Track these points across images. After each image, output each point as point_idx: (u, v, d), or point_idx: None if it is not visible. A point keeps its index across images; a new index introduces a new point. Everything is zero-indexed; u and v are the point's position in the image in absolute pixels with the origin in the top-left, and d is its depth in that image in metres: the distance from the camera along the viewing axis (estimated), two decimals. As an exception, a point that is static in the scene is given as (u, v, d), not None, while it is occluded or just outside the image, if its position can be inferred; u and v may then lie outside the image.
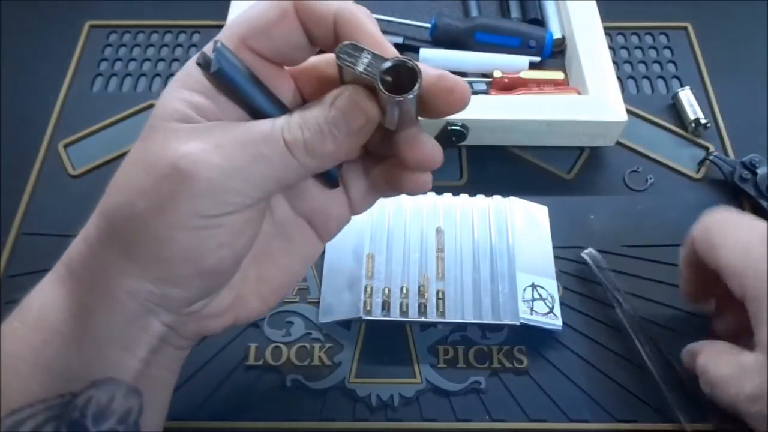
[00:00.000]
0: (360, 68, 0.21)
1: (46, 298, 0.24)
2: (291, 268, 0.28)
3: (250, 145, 0.22)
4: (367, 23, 0.23)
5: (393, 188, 0.27)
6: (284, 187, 0.24)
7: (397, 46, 0.49)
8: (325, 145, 0.23)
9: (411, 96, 0.21)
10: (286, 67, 0.25)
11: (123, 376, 0.23)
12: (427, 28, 0.50)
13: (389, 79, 0.22)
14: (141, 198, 0.22)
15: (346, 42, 0.22)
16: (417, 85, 0.21)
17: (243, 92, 0.23)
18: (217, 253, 0.23)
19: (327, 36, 0.23)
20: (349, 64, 0.22)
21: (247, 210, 0.23)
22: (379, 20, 0.51)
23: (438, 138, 0.26)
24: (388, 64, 0.21)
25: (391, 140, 0.25)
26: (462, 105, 0.23)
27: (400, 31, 0.50)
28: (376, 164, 0.27)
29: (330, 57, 0.24)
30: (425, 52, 0.48)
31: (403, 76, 0.22)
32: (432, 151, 0.25)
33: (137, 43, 0.52)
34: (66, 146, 0.46)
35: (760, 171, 0.42)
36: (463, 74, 0.48)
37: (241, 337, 0.38)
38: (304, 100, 0.26)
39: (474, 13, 0.51)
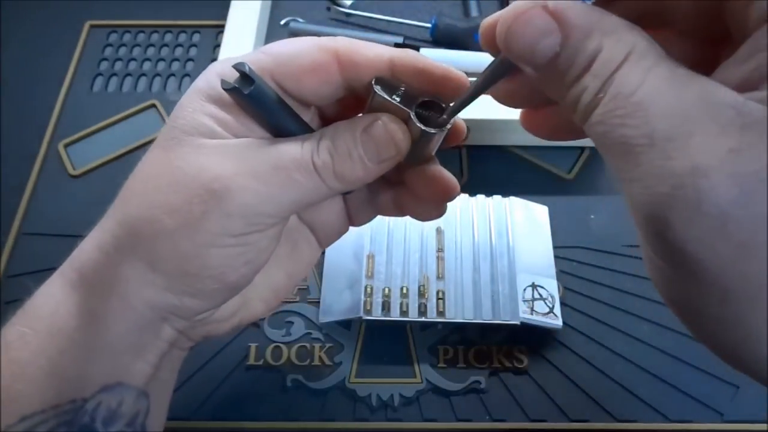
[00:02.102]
0: (397, 100, 0.22)
1: (57, 304, 0.23)
2: (294, 272, 0.29)
3: (282, 170, 0.22)
4: (427, 64, 0.23)
5: (403, 213, 0.28)
6: (309, 207, 0.25)
7: (397, 46, 0.49)
8: (355, 171, 0.23)
9: (443, 131, 0.22)
10: None
11: (133, 380, 0.24)
12: (427, 28, 0.50)
13: (419, 112, 0.23)
14: (169, 215, 0.22)
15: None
16: (450, 122, 0.22)
17: (270, 116, 0.23)
18: (242, 270, 0.24)
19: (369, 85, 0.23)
20: (386, 95, 0.22)
21: (273, 228, 0.24)
22: (379, 20, 0.51)
23: None
24: (422, 100, 0.23)
25: (404, 170, 0.26)
26: (458, 141, 0.25)
27: (400, 31, 0.50)
28: (382, 188, 0.28)
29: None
30: (425, 52, 0.48)
31: (431, 113, 0.23)
32: (449, 185, 0.25)
33: (137, 43, 0.52)
34: (66, 146, 0.46)
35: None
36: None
37: (242, 337, 0.38)
38: (321, 116, 0.26)
39: (474, 13, 0.51)
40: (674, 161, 0.15)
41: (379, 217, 0.39)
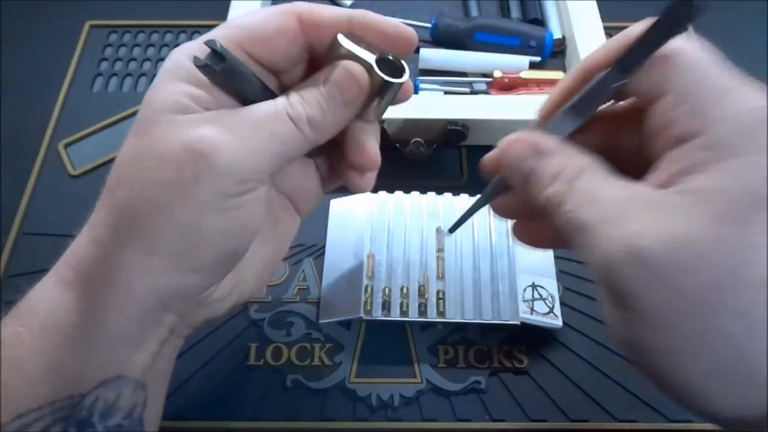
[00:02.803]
0: (358, 52, 0.24)
1: (53, 302, 0.23)
2: (279, 245, 0.30)
3: (261, 125, 0.23)
4: (382, 21, 0.25)
5: (341, 181, 0.30)
6: (289, 161, 0.25)
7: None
8: (326, 117, 0.24)
9: (401, 81, 0.24)
10: None
11: (132, 372, 0.24)
12: (427, 28, 0.50)
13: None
14: (161, 188, 0.22)
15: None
16: (406, 74, 0.25)
17: (241, 88, 0.24)
18: (239, 236, 0.24)
19: (327, 49, 0.25)
20: (349, 47, 0.24)
21: (261, 187, 0.24)
22: (379, 20, 0.51)
23: (438, 138, 0.27)
24: (382, 55, 0.24)
25: (341, 137, 0.27)
26: (406, 99, 0.27)
27: (400, 31, 0.50)
28: (329, 154, 0.30)
29: None
30: (425, 52, 0.48)
31: (388, 71, 0.25)
32: (371, 153, 0.27)
33: (137, 43, 0.52)
34: (66, 146, 0.46)
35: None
36: (463, 74, 0.48)
37: (242, 337, 0.38)
38: (282, 87, 0.27)
39: (474, 13, 0.51)
40: (622, 231, 0.20)
41: (378, 216, 0.40)
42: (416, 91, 0.46)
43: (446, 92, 0.46)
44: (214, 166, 0.22)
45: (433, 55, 0.48)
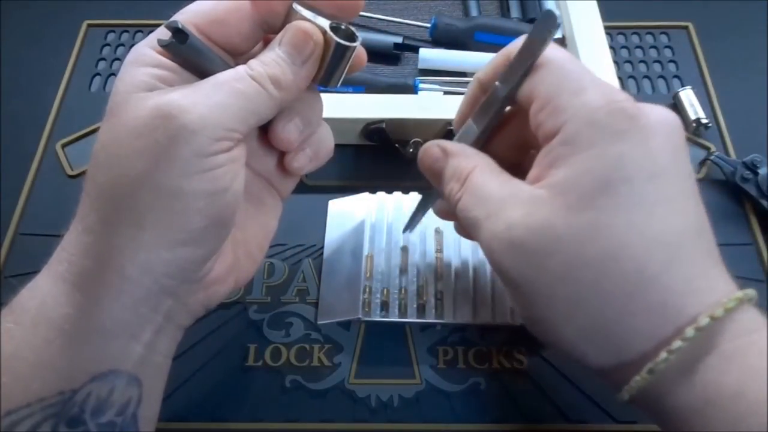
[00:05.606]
0: (312, 18, 0.25)
1: (45, 297, 0.23)
2: (267, 224, 0.31)
3: (224, 84, 0.24)
4: None
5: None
6: (261, 121, 0.26)
7: (396, 45, 0.49)
8: (286, 75, 0.25)
9: (354, 45, 0.25)
10: None
11: (125, 365, 0.24)
12: (426, 27, 0.50)
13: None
14: (139, 159, 0.22)
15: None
16: (358, 40, 0.26)
17: (204, 62, 0.25)
18: (223, 199, 0.24)
19: (281, 22, 0.26)
20: (304, 14, 0.25)
21: (237, 148, 0.25)
22: (378, 20, 0.51)
23: (437, 138, 0.27)
24: (335, 23, 0.25)
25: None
26: (360, 68, 0.28)
27: (399, 31, 0.50)
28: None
29: None
30: (425, 52, 0.48)
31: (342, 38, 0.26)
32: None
33: (135, 43, 0.52)
34: (64, 146, 0.46)
35: (762, 171, 0.42)
36: (462, 74, 0.48)
37: (241, 337, 0.38)
38: None
39: (474, 12, 0.51)
40: (499, 225, 0.25)
41: (378, 216, 0.40)
42: (416, 91, 0.46)
43: (446, 92, 0.46)
44: (185, 126, 0.22)
45: (432, 55, 0.48)
